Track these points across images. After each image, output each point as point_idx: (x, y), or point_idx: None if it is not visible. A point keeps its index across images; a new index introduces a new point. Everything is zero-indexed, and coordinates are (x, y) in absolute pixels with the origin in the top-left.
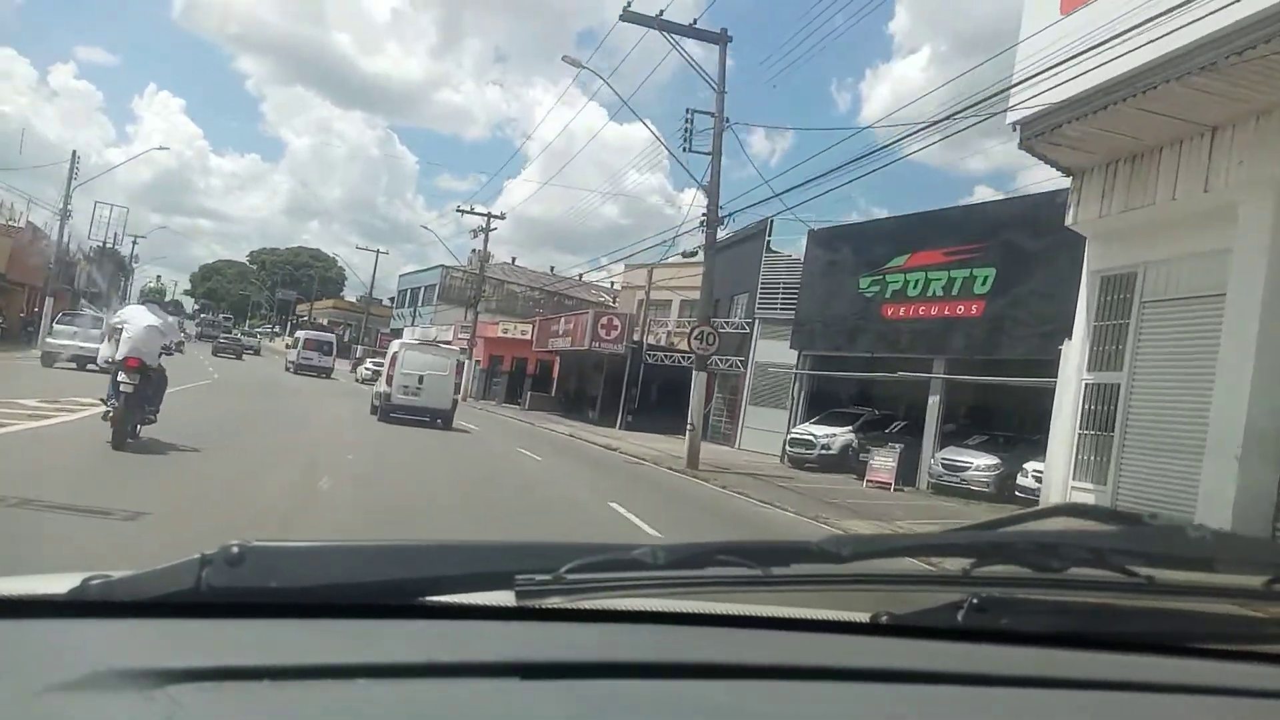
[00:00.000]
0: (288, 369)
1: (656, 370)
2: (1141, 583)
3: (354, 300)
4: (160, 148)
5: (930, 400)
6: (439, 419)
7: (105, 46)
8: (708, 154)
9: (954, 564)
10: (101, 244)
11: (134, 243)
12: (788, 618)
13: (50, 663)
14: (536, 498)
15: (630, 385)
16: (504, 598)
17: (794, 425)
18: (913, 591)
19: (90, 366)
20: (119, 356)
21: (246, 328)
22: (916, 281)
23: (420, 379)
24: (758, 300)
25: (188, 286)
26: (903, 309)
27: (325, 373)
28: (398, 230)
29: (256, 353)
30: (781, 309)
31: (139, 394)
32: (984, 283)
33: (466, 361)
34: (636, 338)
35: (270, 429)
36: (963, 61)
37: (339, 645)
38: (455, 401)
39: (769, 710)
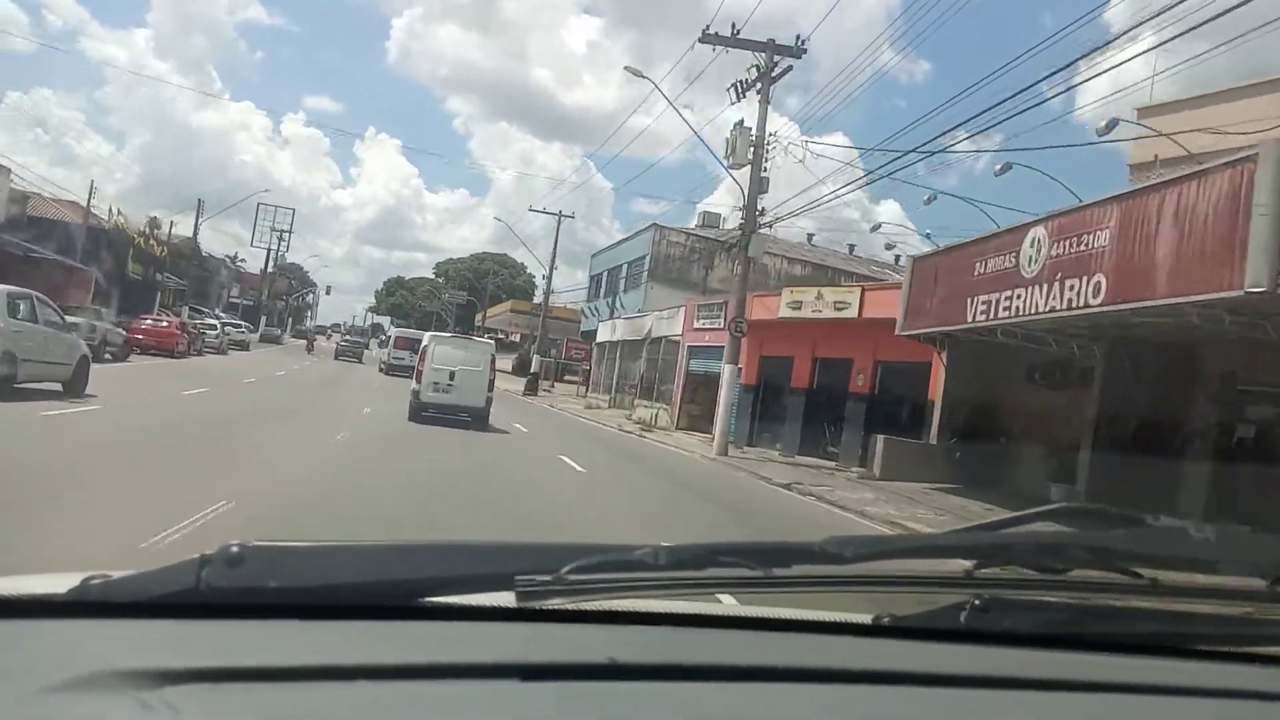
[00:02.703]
0: (380, 369)
1: None
2: (1144, 584)
3: (538, 304)
4: None
5: None
6: (473, 418)
7: (330, 95)
8: None
9: (956, 565)
10: (268, 252)
11: (281, 238)
12: (789, 619)
13: (50, 663)
14: None
15: None
16: (505, 599)
17: None
18: (915, 593)
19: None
20: None
21: None
22: None
23: (452, 375)
24: None
25: (371, 303)
26: None
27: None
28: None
29: None
30: None
31: None
32: None
33: (729, 368)
34: None
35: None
36: None
37: (339, 646)
38: (490, 399)
39: (770, 713)
